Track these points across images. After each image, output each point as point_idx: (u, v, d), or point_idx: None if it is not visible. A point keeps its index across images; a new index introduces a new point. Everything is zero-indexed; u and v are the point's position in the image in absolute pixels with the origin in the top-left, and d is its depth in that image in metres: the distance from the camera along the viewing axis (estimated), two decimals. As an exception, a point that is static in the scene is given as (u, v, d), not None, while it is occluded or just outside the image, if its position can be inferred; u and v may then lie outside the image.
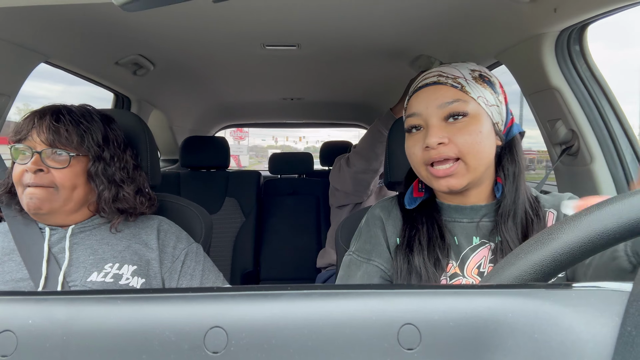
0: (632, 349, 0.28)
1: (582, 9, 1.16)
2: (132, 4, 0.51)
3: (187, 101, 3.09)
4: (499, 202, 0.87)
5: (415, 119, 0.86)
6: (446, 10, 1.49)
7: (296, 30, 1.74)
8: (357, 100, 3.31)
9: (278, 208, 2.91)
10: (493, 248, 0.84)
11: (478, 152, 0.82)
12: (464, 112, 0.82)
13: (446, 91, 0.84)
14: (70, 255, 1.00)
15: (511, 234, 0.82)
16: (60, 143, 0.99)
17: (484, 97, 0.85)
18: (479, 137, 0.82)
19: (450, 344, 0.31)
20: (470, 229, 0.88)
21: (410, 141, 0.88)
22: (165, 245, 1.08)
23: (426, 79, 0.89)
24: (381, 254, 0.92)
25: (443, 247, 0.85)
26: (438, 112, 0.83)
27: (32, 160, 0.96)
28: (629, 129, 1.39)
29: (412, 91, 0.91)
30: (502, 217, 0.84)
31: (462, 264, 0.85)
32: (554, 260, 0.38)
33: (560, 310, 0.32)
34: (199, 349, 0.31)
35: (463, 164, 0.81)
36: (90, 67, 1.90)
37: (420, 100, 0.87)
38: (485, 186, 0.89)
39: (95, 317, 0.33)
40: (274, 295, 0.34)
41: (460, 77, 0.86)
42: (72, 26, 1.50)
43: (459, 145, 0.81)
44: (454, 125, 0.82)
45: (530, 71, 1.46)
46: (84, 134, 1.01)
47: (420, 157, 0.85)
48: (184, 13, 1.52)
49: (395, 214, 0.96)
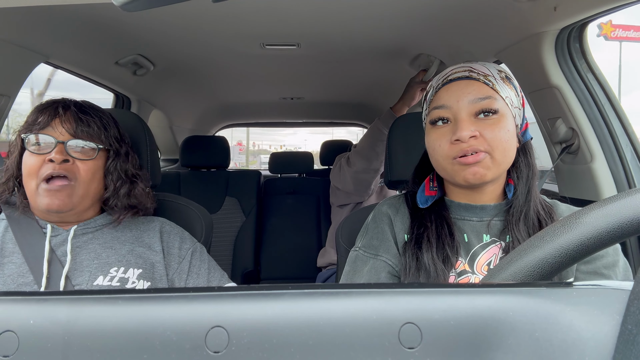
0: (633, 347, 0.28)
1: (582, 7, 1.16)
2: (132, 4, 0.50)
3: (187, 101, 3.09)
4: (510, 202, 0.87)
5: (444, 111, 0.85)
6: (446, 8, 1.49)
7: (296, 30, 1.74)
8: (357, 100, 3.31)
9: (278, 207, 2.91)
10: (504, 247, 0.84)
11: (505, 149, 0.82)
12: (494, 109, 0.83)
13: (479, 87, 0.84)
14: (74, 258, 0.98)
15: (523, 234, 0.83)
16: (88, 134, 0.97)
17: (510, 97, 0.86)
18: (507, 135, 0.83)
19: (451, 342, 0.31)
20: (480, 227, 0.88)
21: (435, 134, 0.87)
22: (171, 247, 1.08)
23: (456, 72, 0.88)
24: (389, 250, 0.92)
25: (452, 245, 0.85)
26: (469, 107, 0.83)
27: (56, 149, 0.93)
28: (629, 127, 1.39)
29: (440, 83, 0.89)
30: (514, 217, 0.85)
31: (471, 261, 0.85)
32: (558, 257, 0.39)
33: (561, 309, 0.32)
34: (200, 348, 0.31)
35: (490, 158, 0.81)
36: (90, 67, 1.90)
37: (451, 93, 0.85)
38: (497, 186, 0.89)
39: (96, 317, 0.33)
40: (275, 294, 0.34)
41: (490, 75, 0.86)
42: (72, 26, 1.50)
43: (489, 140, 0.81)
44: (484, 122, 0.82)
45: (530, 70, 1.46)
46: (107, 128, 1.01)
47: (447, 150, 0.84)
48: (184, 13, 1.52)
49: (403, 212, 0.96)
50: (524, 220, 0.84)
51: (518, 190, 0.86)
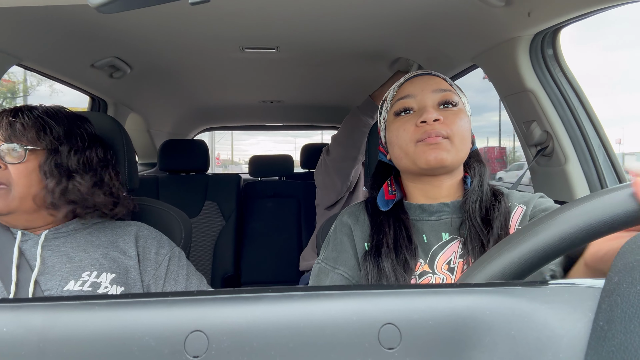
0: (605, 343, 0.29)
1: (555, 13, 1.19)
2: (108, 6, 0.50)
3: (166, 104, 3.05)
4: (465, 196, 0.90)
5: (409, 100, 0.91)
6: (424, 13, 1.51)
7: (275, 33, 1.74)
8: (337, 103, 3.32)
9: (259, 211, 2.90)
10: (463, 242, 0.86)
11: (464, 138, 0.88)
12: (454, 101, 0.90)
13: (439, 81, 0.93)
14: (45, 263, 0.96)
15: (478, 221, 0.86)
16: (15, 137, 0.96)
17: (464, 100, 0.94)
18: (466, 125, 0.89)
19: (430, 342, 0.32)
20: (438, 226, 0.90)
21: (399, 122, 0.91)
22: (147, 252, 1.06)
23: (418, 72, 0.96)
24: (346, 262, 0.92)
25: (410, 248, 0.86)
26: (433, 96, 0.89)
27: None
28: (600, 130, 1.43)
29: (402, 80, 0.96)
30: (470, 206, 0.88)
31: (431, 261, 0.86)
32: (532, 257, 0.40)
33: (536, 307, 0.33)
34: (179, 353, 0.31)
35: (449, 142, 0.86)
36: (65, 70, 1.86)
37: (415, 85, 0.92)
38: (455, 180, 0.93)
39: (72, 323, 0.32)
40: (255, 297, 0.33)
41: (447, 78, 0.95)
42: (46, 28, 1.47)
43: (450, 126, 0.86)
44: (446, 111, 0.89)
45: (505, 74, 1.49)
46: (41, 128, 0.99)
47: (411, 133, 0.87)
48: (162, 15, 1.51)
49: (363, 220, 0.97)
50: (479, 210, 0.87)
51: (474, 182, 0.91)
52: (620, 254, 0.33)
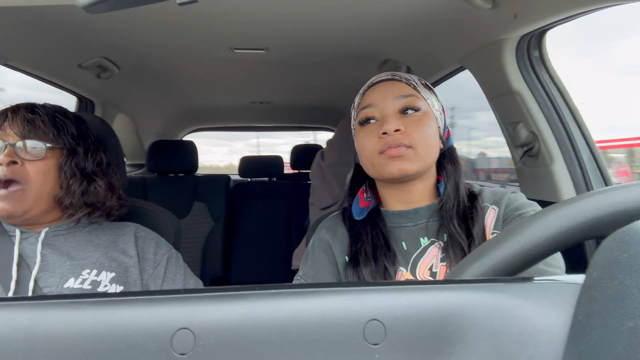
0: (583, 337, 0.30)
1: (541, 15, 1.21)
2: (96, 6, 0.50)
3: (154, 105, 3.03)
4: (441, 201, 0.90)
5: (372, 110, 0.90)
6: (411, 16, 1.52)
7: (264, 34, 1.74)
8: (326, 104, 3.33)
9: (249, 212, 2.89)
10: (442, 246, 0.86)
11: (428, 144, 0.87)
12: (417, 107, 0.88)
13: (401, 86, 0.91)
14: (45, 260, 0.96)
15: (458, 229, 0.85)
16: (36, 135, 0.95)
17: (432, 100, 0.92)
18: (430, 131, 0.88)
19: (414, 338, 0.32)
20: (416, 232, 0.90)
21: (363, 132, 0.91)
22: (146, 252, 1.06)
23: (381, 76, 0.95)
24: (324, 279, 0.93)
25: (389, 255, 0.86)
26: (394, 103, 0.88)
27: (5, 152, 0.92)
28: (586, 131, 1.45)
29: (366, 87, 0.96)
30: (447, 213, 0.87)
31: (413, 268, 0.86)
32: (521, 256, 0.40)
33: (519, 303, 0.33)
34: (166, 351, 0.31)
35: (414, 152, 0.85)
36: (51, 70, 1.84)
37: (376, 93, 0.91)
38: (427, 185, 0.92)
39: (59, 322, 0.32)
40: (241, 295, 0.34)
41: (411, 79, 0.93)
42: (32, 28, 1.46)
43: (413, 135, 0.85)
44: (408, 118, 0.87)
45: (492, 75, 1.51)
46: (59, 127, 0.99)
47: (374, 144, 0.87)
48: (150, 16, 1.50)
49: (341, 232, 0.97)
50: (456, 216, 0.87)
51: (448, 187, 0.90)
52: (601, 251, 0.34)
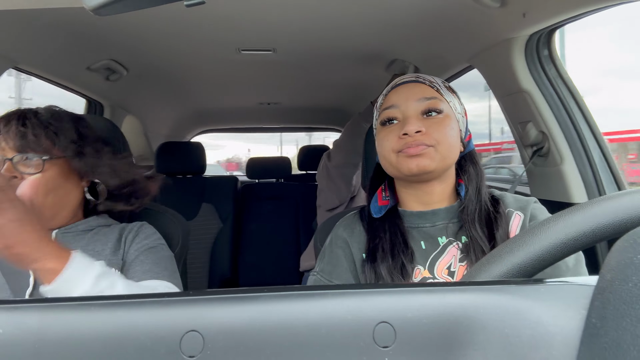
0: (597, 340, 0.29)
1: (550, 14, 1.20)
2: (104, 9, 0.50)
3: (162, 106, 3.05)
4: (461, 203, 0.90)
5: (394, 111, 0.90)
6: (419, 15, 1.52)
7: (272, 35, 1.74)
8: (334, 105, 3.33)
9: (256, 213, 2.89)
10: (461, 247, 0.86)
11: (450, 145, 0.87)
12: (439, 109, 0.88)
13: (425, 88, 0.91)
14: None
15: (479, 232, 0.85)
16: (30, 148, 0.94)
17: (454, 103, 0.92)
18: (452, 133, 0.88)
19: (424, 340, 0.32)
20: (434, 232, 0.90)
21: (384, 132, 0.91)
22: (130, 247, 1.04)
23: (404, 78, 0.95)
24: (340, 276, 0.92)
25: (407, 253, 0.86)
26: (416, 105, 0.88)
27: (5, 168, 0.92)
28: (596, 130, 1.44)
29: (390, 88, 0.96)
30: (469, 217, 0.87)
31: (431, 266, 0.86)
32: (538, 257, 0.39)
33: (530, 305, 0.33)
34: (175, 353, 0.31)
35: (434, 150, 0.85)
36: (61, 73, 1.86)
37: (399, 95, 0.91)
38: (447, 185, 0.92)
39: (68, 324, 0.32)
40: (250, 297, 0.34)
41: (434, 82, 0.93)
42: (42, 31, 1.47)
43: (433, 135, 0.85)
44: (430, 120, 0.87)
45: (501, 74, 1.50)
46: (54, 136, 0.98)
47: (394, 143, 0.87)
48: (158, 17, 1.51)
49: (359, 230, 0.97)
50: (478, 220, 0.87)
51: (469, 190, 0.90)
52: (614, 252, 0.33)
